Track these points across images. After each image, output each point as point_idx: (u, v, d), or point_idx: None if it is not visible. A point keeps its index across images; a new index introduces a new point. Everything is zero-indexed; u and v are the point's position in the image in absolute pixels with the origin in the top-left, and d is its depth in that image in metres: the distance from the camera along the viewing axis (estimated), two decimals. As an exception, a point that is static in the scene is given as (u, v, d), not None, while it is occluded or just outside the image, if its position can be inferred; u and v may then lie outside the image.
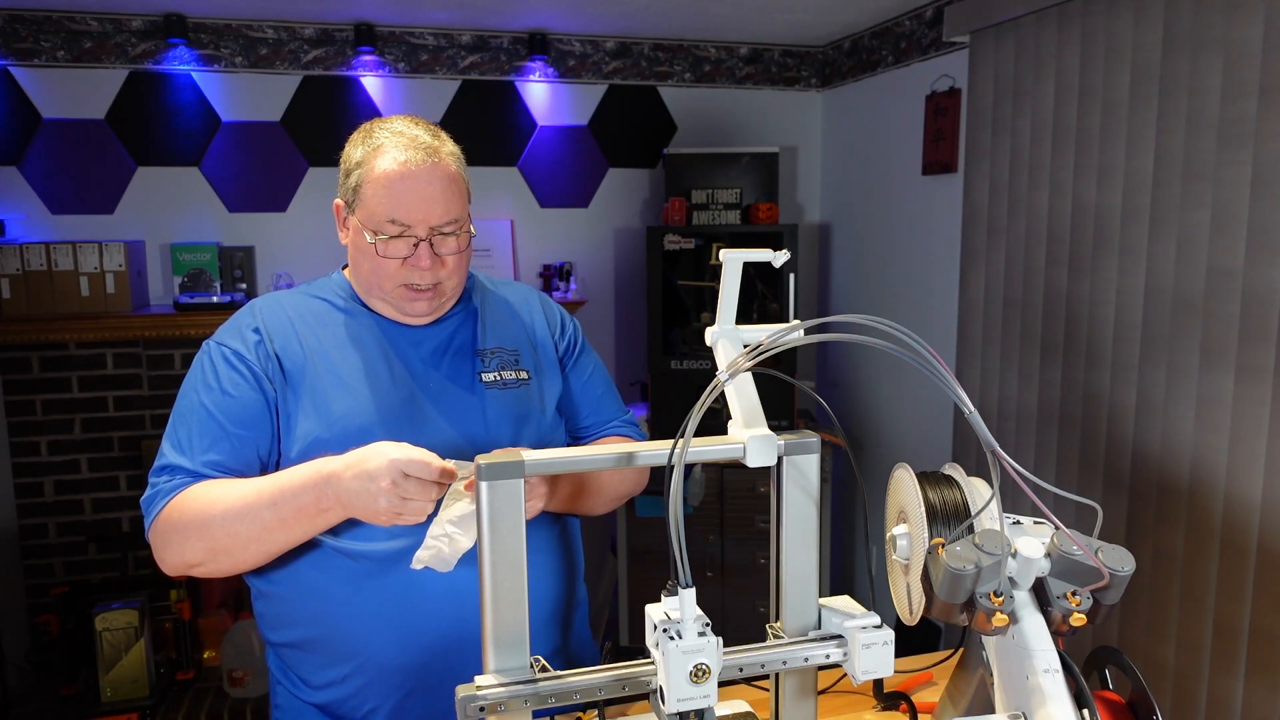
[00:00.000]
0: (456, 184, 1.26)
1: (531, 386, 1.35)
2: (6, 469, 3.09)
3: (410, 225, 1.21)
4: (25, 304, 2.92)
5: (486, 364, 1.32)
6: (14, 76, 3.03)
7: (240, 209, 3.27)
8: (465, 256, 1.28)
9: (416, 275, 1.23)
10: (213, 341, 1.27)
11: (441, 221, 1.23)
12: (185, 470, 1.20)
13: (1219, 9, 1.88)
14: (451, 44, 3.36)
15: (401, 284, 1.24)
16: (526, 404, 1.33)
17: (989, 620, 0.79)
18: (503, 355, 1.35)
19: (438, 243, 1.23)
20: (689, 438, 0.86)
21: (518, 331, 1.39)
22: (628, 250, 3.66)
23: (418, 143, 1.24)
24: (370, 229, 1.22)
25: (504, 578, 0.91)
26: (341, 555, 1.22)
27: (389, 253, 1.22)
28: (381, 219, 1.21)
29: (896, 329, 0.84)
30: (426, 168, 1.22)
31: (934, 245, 3.08)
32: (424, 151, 1.23)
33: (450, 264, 1.25)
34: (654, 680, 0.89)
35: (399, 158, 1.22)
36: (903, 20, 3.16)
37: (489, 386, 1.31)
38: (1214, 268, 1.92)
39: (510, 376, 1.33)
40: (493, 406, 1.30)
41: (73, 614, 2.97)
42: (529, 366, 1.36)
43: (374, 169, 1.23)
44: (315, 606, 1.24)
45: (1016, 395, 2.53)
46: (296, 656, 1.29)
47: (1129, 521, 2.16)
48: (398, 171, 1.21)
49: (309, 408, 1.22)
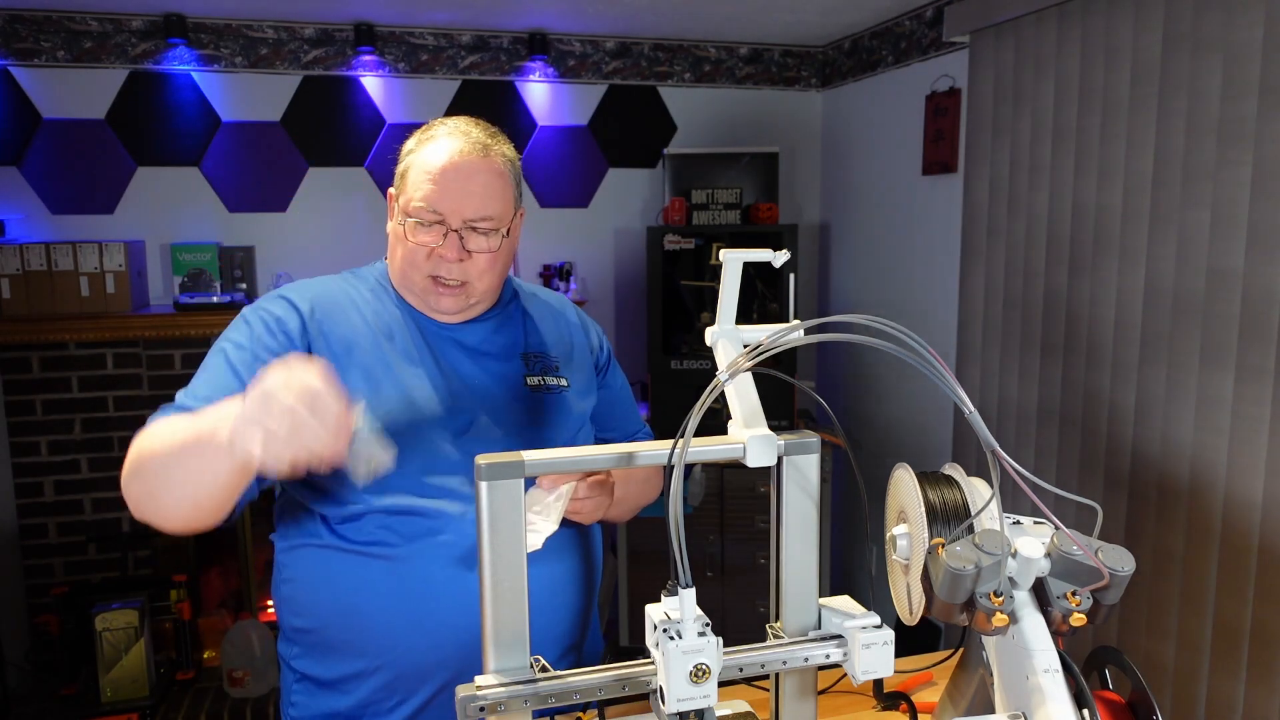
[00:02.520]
0: (501, 183, 1.25)
1: (570, 394, 1.34)
2: (6, 469, 3.09)
3: (444, 214, 1.20)
4: (25, 304, 2.92)
5: (531, 367, 1.32)
6: (14, 76, 3.03)
7: (240, 209, 3.27)
8: (499, 259, 1.26)
9: (443, 268, 1.22)
10: (252, 306, 1.24)
11: (476, 215, 1.21)
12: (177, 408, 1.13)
13: (1219, 9, 1.88)
14: (451, 44, 3.36)
15: (429, 275, 1.23)
16: (566, 411, 1.33)
17: (989, 620, 0.79)
18: (545, 361, 1.34)
19: (468, 238, 1.22)
20: (689, 438, 0.86)
21: (557, 340, 1.38)
22: (628, 250, 3.66)
23: (470, 137, 1.24)
24: (406, 212, 1.22)
25: (504, 578, 0.91)
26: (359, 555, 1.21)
27: (418, 238, 1.21)
28: (417, 203, 1.21)
29: (896, 329, 0.84)
30: (473, 160, 1.22)
31: (934, 245, 3.08)
32: (474, 145, 1.23)
33: (480, 263, 1.23)
34: (654, 680, 0.89)
35: (449, 146, 1.22)
36: (903, 20, 3.16)
37: (534, 390, 1.30)
38: (1214, 268, 1.92)
39: (553, 383, 1.33)
40: (539, 410, 1.30)
41: (73, 614, 2.97)
42: (567, 376, 1.35)
43: (422, 155, 1.23)
44: (338, 598, 1.22)
45: (1016, 395, 2.53)
46: (318, 650, 1.25)
47: (1129, 521, 2.16)
48: (445, 160, 1.21)
49: (354, 389, 1.18)
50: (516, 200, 1.29)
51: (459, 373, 1.27)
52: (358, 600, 1.22)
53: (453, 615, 1.21)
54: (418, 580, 1.20)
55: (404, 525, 1.21)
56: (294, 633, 1.29)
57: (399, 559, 1.21)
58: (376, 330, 1.25)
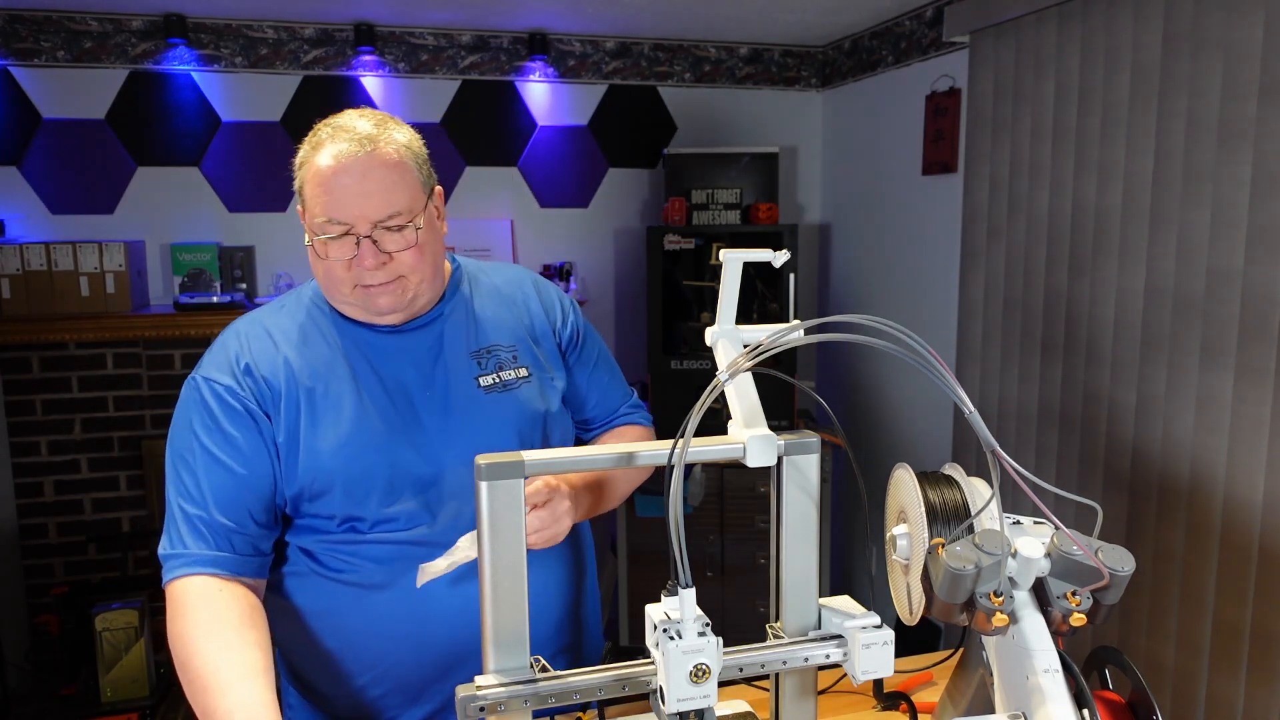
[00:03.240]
0: (399, 173, 1.16)
1: (533, 384, 1.29)
2: (6, 469, 3.09)
3: (348, 222, 1.13)
4: (25, 304, 2.92)
5: (484, 365, 1.26)
6: (14, 76, 3.03)
7: (240, 209, 3.27)
8: (425, 250, 1.19)
9: (366, 276, 1.16)
10: (200, 377, 1.19)
11: (382, 215, 1.14)
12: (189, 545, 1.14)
13: (1219, 9, 1.88)
14: (451, 44, 3.36)
15: (355, 285, 1.17)
16: (530, 404, 1.27)
17: (989, 620, 0.79)
18: (500, 354, 1.28)
19: (383, 239, 1.15)
20: (689, 438, 0.86)
21: (514, 324, 1.31)
22: (628, 250, 3.66)
23: (355, 135, 1.15)
24: (312, 230, 1.16)
25: (504, 578, 0.91)
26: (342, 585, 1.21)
27: (332, 254, 1.15)
28: (319, 218, 1.14)
29: (896, 329, 0.84)
30: (361, 159, 1.13)
31: (934, 245, 3.08)
32: (359, 143, 1.14)
33: (405, 260, 1.17)
34: (654, 680, 0.89)
35: (333, 151, 1.14)
36: (903, 20, 3.16)
37: (488, 391, 1.25)
38: (1214, 268, 1.92)
39: (510, 376, 1.27)
40: (495, 412, 1.24)
41: (73, 614, 2.97)
42: (528, 362, 1.30)
43: (311, 167, 1.15)
44: (326, 622, 1.22)
45: (1016, 395, 2.53)
46: (312, 669, 1.26)
47: (1129, 521, 2.16)
48: (331, 167, 1.13)
49: (307, 440, 1.18)
50: (425, 182, 1.21)
51: (407, 389, 1.22)
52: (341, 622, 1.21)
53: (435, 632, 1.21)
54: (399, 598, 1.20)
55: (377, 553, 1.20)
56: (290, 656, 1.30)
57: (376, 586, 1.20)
58: (317, 363, 1.21)
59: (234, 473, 1.16)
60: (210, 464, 1.16)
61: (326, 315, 1.25)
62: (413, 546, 1.20)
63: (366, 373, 1.22)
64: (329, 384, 1.20)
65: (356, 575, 1.21)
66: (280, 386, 1.19)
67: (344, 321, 1.24)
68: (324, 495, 1.19)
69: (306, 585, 1.23)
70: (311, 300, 1.27)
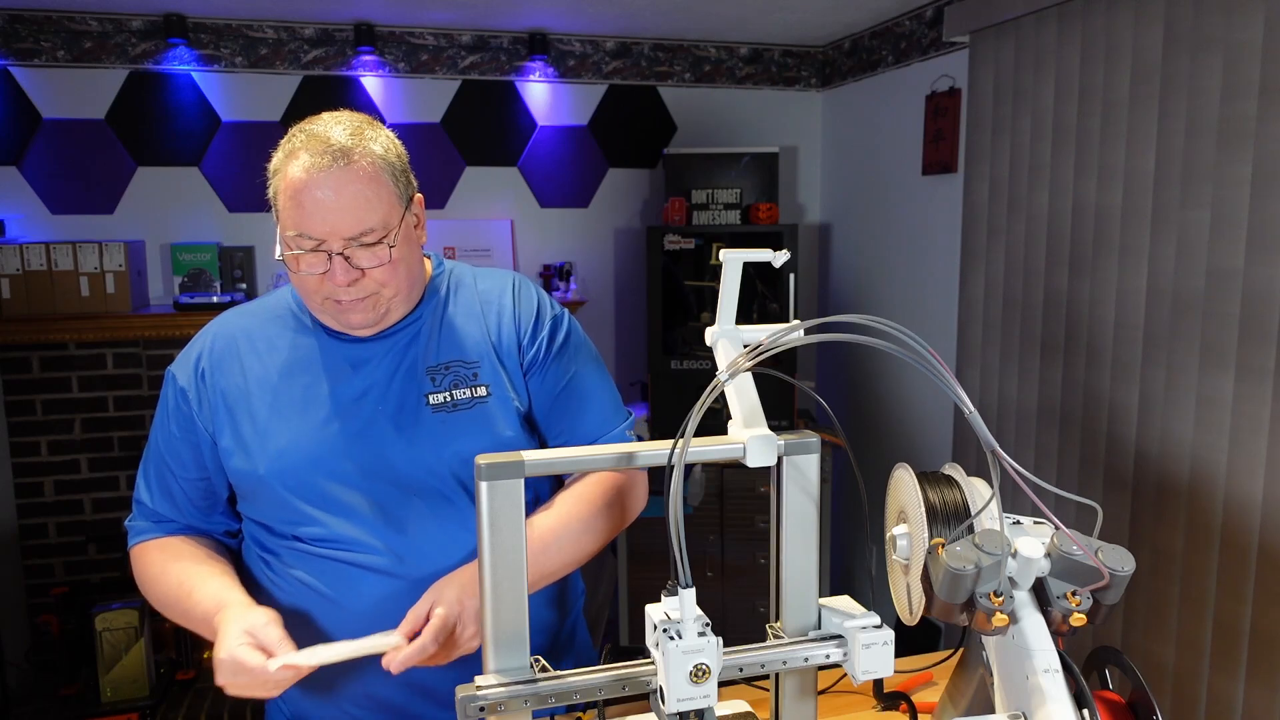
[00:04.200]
0: (374, 188, 1.11)
1: (491, 404, 1.21)
2: (6, 469, 3.09)
3: (321, 239, 1.10)
4: (25, 304, 2.92)
5: (438, 383, 1.21)
6: (14, 76, 3.03)
7: (240, 209, 3.27)
8: (399, 265, 1.15)
9: (339, 292, 1.13)
10: (171, 370, 1.26)
11: (355, 233, 1.10)
12: (146, 511, 1.27)
13: (1219, 9, 1.88)
14: (451, 44, 3.36)
15: (327, 298, 1.15)
16: (481, 424, 1.20)
17: (989, 620, 0.79)
18: (458, 370, 1.22)
19: (355, 255, 1.11)
20: (689, 438, 0.86)
21: (481, 337, 1.24)
22: (628, 250, 3.66)
23: (329, 146, 1.10)
24: (285, 243, 1.12)
25: (504, 578, 0.91)
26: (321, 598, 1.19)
27: (303, 268, 1.12)
28: (291, 232, 1.11)
29: (896, 329, 0.84)
30: (335, 174, 1.09)
31: (934, 245, 3.08)
32: (332, 156, 1.09)
33: (378, 275, 1.13)
34: (654, 680, 0.89)
35: (305, 164, 1.09)
36: (903, 20, 3.16)
37: (436, 410, 1.20)
38: (1214, 268, 1.92)
39: (463, 395, 1.20)
40: (439, 432, 1.19)
41: (73, 614, 2.97)
42: (489, 380, 1.22)
43: (284, 177, 1.11)
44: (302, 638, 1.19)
45: (1016, 395, 2.53)
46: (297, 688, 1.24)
47: (1129, 521, 2.16)
48: (303, 180, 1.09)
49: (246, 443, 1.19)
50: (401, 195, 1.15)
51: (360, 402, 1.20)
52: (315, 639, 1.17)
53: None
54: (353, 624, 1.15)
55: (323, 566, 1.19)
56: None
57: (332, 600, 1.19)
58: (276, 368, 1.21)
59: (174, 475, 1.25)
60: (159, 463, 1.26)
61: (302, 318, 1.25)
62: (352, 567, 1.18)
63: (327, 382, 1.21)
64: (280, 392, 1.21)
65: (317, 583, 1.20)
66: (229, 390, 1.22)
67: (318, 327, 1.24)
68: (263, 502, 1.21)
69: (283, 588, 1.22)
70: (291, 302, 1.27)
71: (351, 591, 1.18)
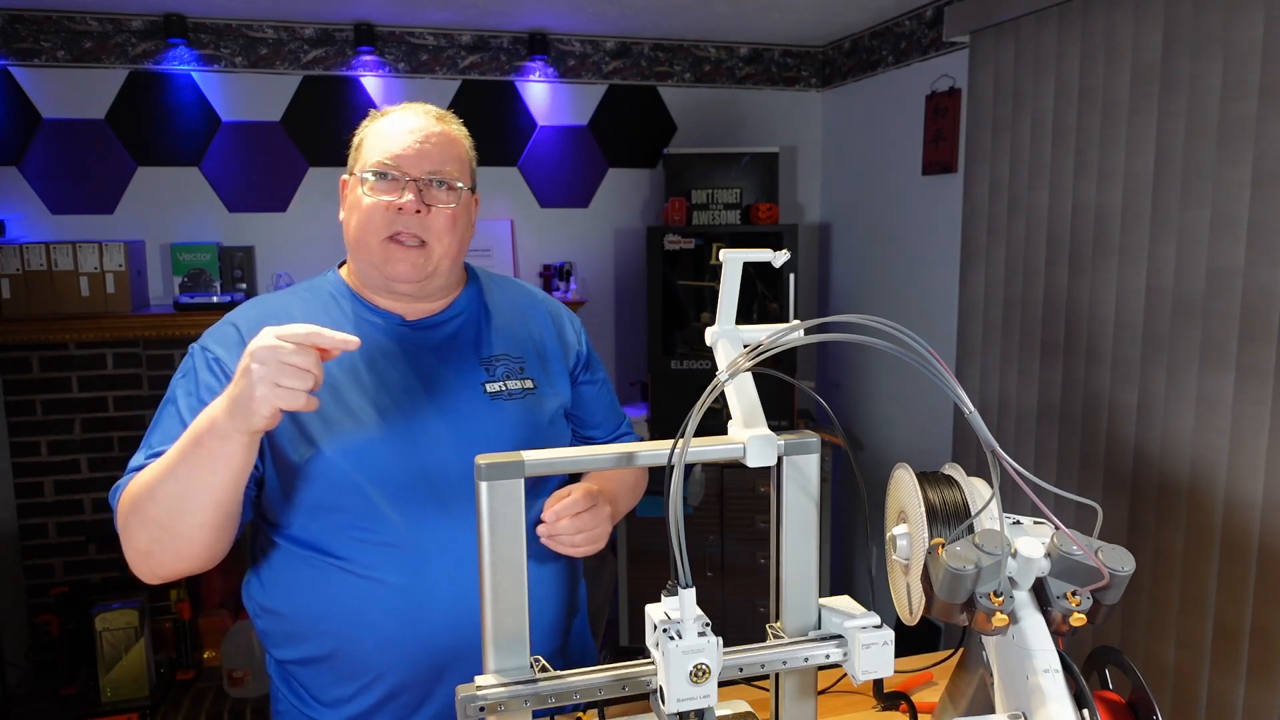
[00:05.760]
0: (457, 147, 1.26)
1: (536, 397, 1.30)
2: (6, 469, 3.09)
3: (401, 165, 1.20)
4: (25, 304, 2.92)
5: (492, 372, 1.28)
6: (14, 76, 3.03)
7: (240, 209, 3.27)
8: (458, 224, 1.23)
9: (401, 222, 1.19)
10: (198, 345, 1.22)
11: (434, 167, 1.21)
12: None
13: (1219, 9, 1.88)
14: (451, 44, 3.36)
15: (387, 236, 1.20)
16: (531, 415, 1.28)
17: (989, 620, 0.79)
18: (508, 363, 1.30)
19: (427, 191, 1.21)
20: (689, 438, 0.86)
21: (524, 337, 1.34)
22: (628, 250, 3.66)
23: (427, 109, 1.27)
24: (363, 173, 1.22)
25: (504, 578, 0.91)
26: (344, 573, 1.19)
27: (379, 191, 1.20)
28: (375, 159, 1.21)
29: (896, 329, 0.84)
30: (427, 120, 1.24)
31: (934, 245, 3.08)
32: (428, 113, 1.26)
33: (440, 220, 1.21)
34: (654, 680, 0.89)
35: (402, 114, 1.25)
36: (903, 20, 3.16)
37: (494, 397, 1.26)
38: (1214, 268, 1.92)
39: (515, 386, 1.28)
40: (499, 419, 1.25)
41: (73, 614, 2.97)
42: (534, 375, 1.31)
43: (376, 124, 1.25)
44: (320, 625, 1.20)
45: (1016, 395, 2.53)
46: (304, 673, 1.25)
47: (1129, 521, 2.16)
48: (397, 117, 1.24)
49: (304, 424, 1.18)
50: (471, 173, 1.28)
51: (416, 386, 1.23)
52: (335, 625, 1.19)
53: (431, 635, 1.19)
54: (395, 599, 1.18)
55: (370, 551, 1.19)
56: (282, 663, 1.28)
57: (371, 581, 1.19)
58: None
59: None
60: (176, 426, 1.14)
61: (343, 305, 1.27)
62: (401, 550, 1.19)
63: (384, 368, 1.23)
64: (334, 375, 1.20)
65: (352, 567, 1.19)
66: None
67: (363, 308, 1.26)
68: (316, 486, 1.18)
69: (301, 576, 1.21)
70: (331, 289, 1.29)
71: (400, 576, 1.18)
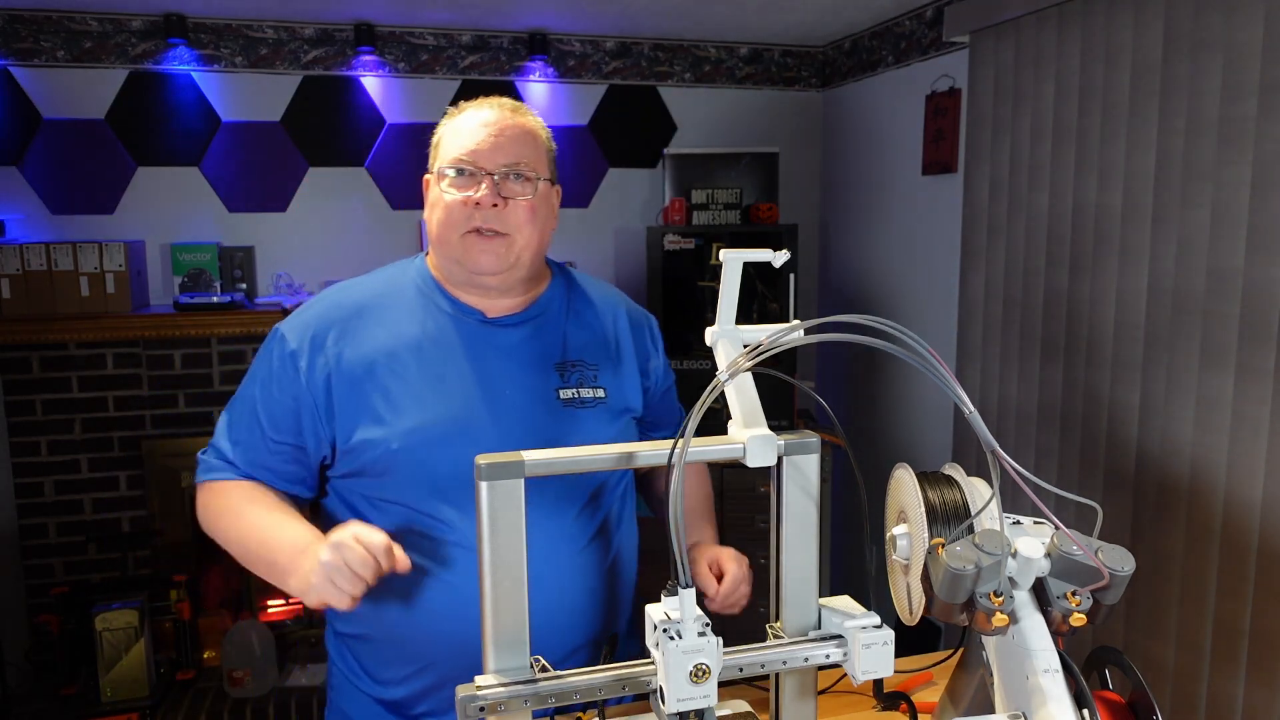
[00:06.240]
0: (533, 139, 1.27)
1: (606, 406, 1.31)
2: (6, 469, 3.09)
3: (477, 160, 1.22)
4: (25, 304, 2.92)
5: (566, 378, 1.29)
6: (14, 76, 3.03)
7: (240, 209, 3.27)
8: (537, 215, 1.25)
9: (479, 216, 1.22)
10: (281, 328, 1.27)
11: (510, 160, 1.23)
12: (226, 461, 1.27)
13: (1219, 10, 1.88)
14: (451, 44, 3.36)
15: (467, 230, 1.23)
16: (600, 424, 1.30)
17: (989, 620, 0.79)
18: (583, 370, 1.31)
19: (504, 185, 1.23)
20: (689, 438, 0.86)
21: (601, 344, 1.35)
22: (628, 250, 3.66)
23: (502, 101, 1.29)
24: (441, 172, 1.25)
25: (504, 578, 0.91)
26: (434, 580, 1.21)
27: (455, 193, 1.23)
28: (453, 154, 1.24)
29: (896, 329, 0.84)
30: (502, 113, 1.26)
31: (934, 245, 3.08)
32: (503, 106, 1.28)
33: (519, 212, 1.23)
34: (654, 680, 0.89)
35: (478, 109, 1.27)
36: (903, 20, 3.16)
37: (566, 404, 1.27)
38: (1214, 268, 1.92)
39: (588, 394, 1.30)
40: (568, 425, 1.26)
41: (73, 614, 2.97)
42: (606, 383, 1.32)
43: (453, 122, 1.28)
44: (376, 609, 1.22)
45: (1016, 395, 2.53)
46: (360, 649, 1.29)
47: (1129, 521, 2.16)
48: (473, 114, 1.27)
49: (379, 414, 1.20)
50: (549, 164, 1.30)
51: (489, 384, 1.24)
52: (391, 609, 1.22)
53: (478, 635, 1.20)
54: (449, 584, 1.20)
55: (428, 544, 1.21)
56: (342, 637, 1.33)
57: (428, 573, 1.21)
58: (406, 344, 1.24)
59: (265, 436, 1.25)
60: (250, 418, 1.25)
61: (427, 296, 1.29)
62: (458, 547, 1.20)
63: (460, 363, 1.25)
64: (410, 365, 1.23)
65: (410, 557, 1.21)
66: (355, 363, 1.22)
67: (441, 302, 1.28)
68: (384, 479, 1.21)
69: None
70: (416, 279, 1.31)
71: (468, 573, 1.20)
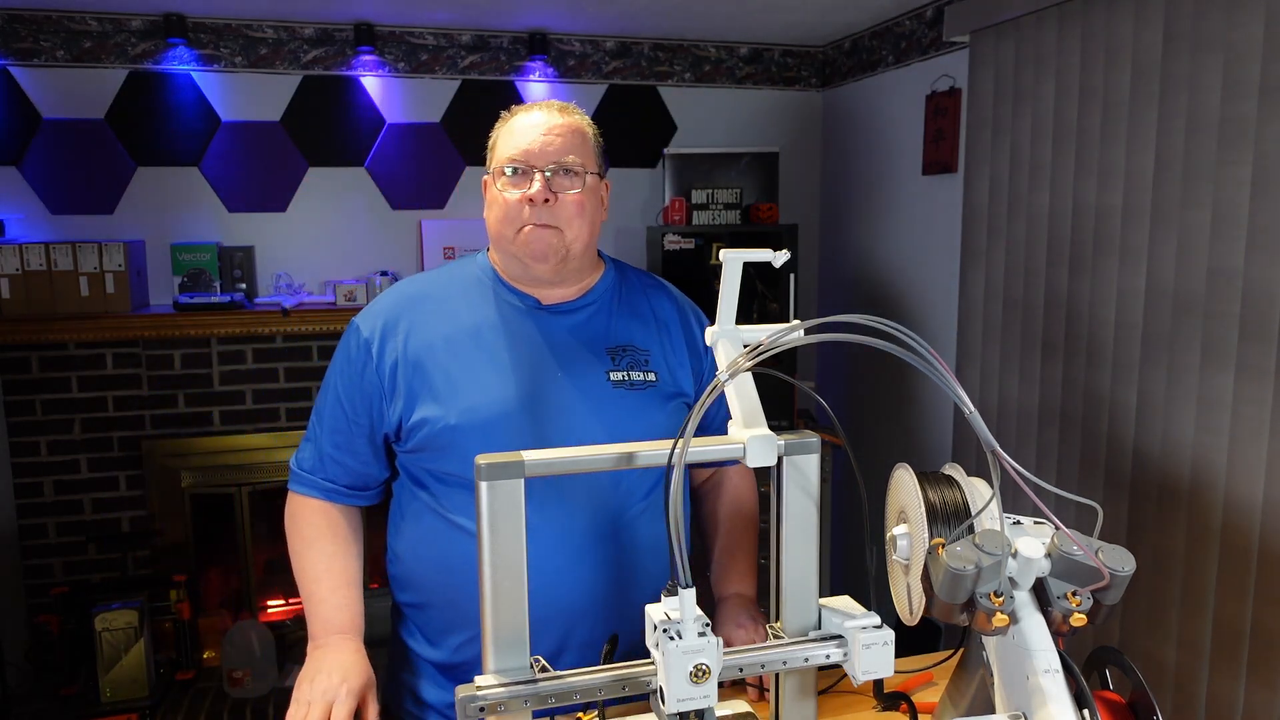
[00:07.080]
0: (581, 136, 1.32)
1: (656, 389, 1.35)
2: (6, 469, 3.09)
3: (530, 159, 1.27)
4: (25, 304, 2.92)
5: (617, 362, 1.34)
6: (14, 76, 3.03)
7: (240, 209, 3.27)
8: (588, 208, 1.31)
9: (533, 213, 1.27)
10: (356, 320, 1.36)
11: (559, 156, 1.28)
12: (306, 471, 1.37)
13: (1219, 9, 1.88)
14: (451, 44, 3.36)
15: (522, 226, 1.28)
16: (650, 406, 1.34)
17: (989, 620, 0.79)
18: (634, 355, 1.36)
19: (555, 180, 1.28)
20: (689, 438, 0.86)
21: (652, 330, 1.39)
22: (628, 250, 3.66)
23: (550, 103, 1.35)
24: (497, 174, 1.30)
25: (504, 578, 0.91)
26: (456, 529, 1.28)
27: (509, 192, 1.28)
28: (506, 155, 1.29)
29: (896, 329, 0.84)
30: (551, 113, 1.32)
31: (934, 245, 3.08)
32: (552, 108, 1.33)
33: (569, 206, 1.28)
34: (654, 680, 0.89)
35: (528, 111, 1.33)
36: (903, 20, 3.16)
37: (616, 386, 1.32)
38: (1214, 268, 1.92)
39: (638, 378, 1.34)
40: (619, 407, 1.31)
41: (73, 614, 2.97)
42: (657, 368, 1.36)
43: (506, 125, 1.34)
44: (434, 576, 1.30)
45: (1016, 395, 2.53)
46: (421, 617, 1.36)
47: (1129, 521, 2.16)
48: (524, 115, 1.33)
49: (439, 393, 1.28)
50: (598, 159, 1.35)
51: (543, 367, 1.30)
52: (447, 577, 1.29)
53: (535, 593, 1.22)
54: None
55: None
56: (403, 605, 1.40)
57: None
58: (465, 329, 1.31)
59: (347, 416, 1.33)
60: (334, 403, 1.35)
61: (486, 286, 1.36)
62: None
63: (516, 347, 1.31)
64: (474, 351, 1.30)
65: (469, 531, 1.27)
66: (419, 348, 1.30)
67: (502, 291, 1.35)
68: (445, 454, 1.28)
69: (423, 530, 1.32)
70: (478, 271, 1.38)
71: None
